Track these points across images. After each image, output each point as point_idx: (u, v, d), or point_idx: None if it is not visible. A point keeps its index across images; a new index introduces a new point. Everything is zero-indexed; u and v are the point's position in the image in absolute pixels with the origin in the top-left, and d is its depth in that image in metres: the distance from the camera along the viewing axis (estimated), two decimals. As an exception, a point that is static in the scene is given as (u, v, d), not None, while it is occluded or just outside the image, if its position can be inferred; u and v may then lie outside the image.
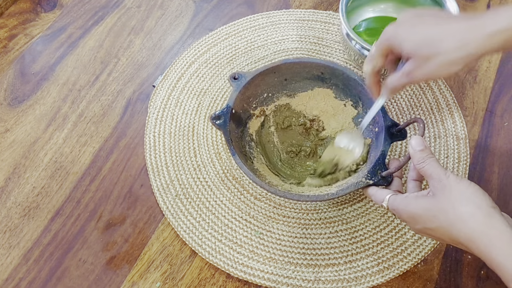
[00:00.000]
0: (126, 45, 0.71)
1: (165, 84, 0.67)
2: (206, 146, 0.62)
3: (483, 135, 0.64)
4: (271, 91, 0.60)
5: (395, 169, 0.46)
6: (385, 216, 0.57)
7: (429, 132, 0.63)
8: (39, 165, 0.61)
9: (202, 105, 0.65)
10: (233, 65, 0.68)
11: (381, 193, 0.44)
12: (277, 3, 0.76)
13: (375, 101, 0.48)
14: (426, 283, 0.53)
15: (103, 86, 0.67)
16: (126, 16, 0.75)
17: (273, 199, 0.58)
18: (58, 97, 0.66)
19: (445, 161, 0.61)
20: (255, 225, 0.56)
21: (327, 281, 0.53)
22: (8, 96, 0.66)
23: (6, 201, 0.58)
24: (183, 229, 0.56)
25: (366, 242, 0.55)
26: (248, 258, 0.54)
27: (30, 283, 0.53)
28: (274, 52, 0.70)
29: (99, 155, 0.62)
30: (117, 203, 0.58)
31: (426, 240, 0.55)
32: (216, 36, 0.71)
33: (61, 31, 0.73)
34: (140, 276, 0.53)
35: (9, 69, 0.69)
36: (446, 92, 0.66)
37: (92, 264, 0.54)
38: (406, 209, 0.39)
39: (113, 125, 0.64)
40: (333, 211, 0.57)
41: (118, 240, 0.56)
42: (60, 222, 0.57)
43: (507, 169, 0.61)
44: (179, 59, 0.69)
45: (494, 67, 0.70)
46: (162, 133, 0.63)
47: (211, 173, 0.60)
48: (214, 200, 0.58)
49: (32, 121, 0.64)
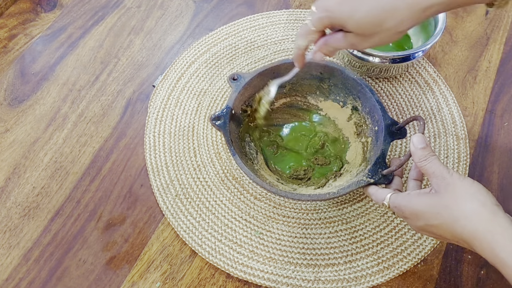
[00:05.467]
0: (126, 45, 0.71)
1: (165, 84, 0.67)
2: (206, 146, 0.62)
3: (483, 135, 0.64)
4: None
5: (396, 167, 0.46)
6: (385, 216, 0.57)
7: (429, 132, 0.63)
8: (39, 165, 0.61)
9: (202, 105, 0.65)
10: (233, 65, 0.68)
11: (382, 192, 0.44)
12: (277, 3, 0.76)
13: (293, 69, 0.50)
14: (426, 283, 0.53)
15: (103, 86, 0.67)
16: (126, 16, 0.75)
17: (273, 199, 0.58)
18: (58, 97, 0.66)
19: (445, 161, 0.61)
20: (255, 225, 0.56)
21: (327, 281, 0.53)
22: (8, 96, 0.66)
23: (6, 201, 0.58)
24: (183, 229, 0.56)
25: (366, 242, 0.55)
26: (248, 258, 0.54)
27: (30, 283, 0.53)
28: (274, 52, 0.70)
29: (99, 155, 0.62)
30: (117, 203, 0.58)
31: (426, 240, 0.55)
32: (216, 36, 0.71)
33: (61, 31, 0.73)
34: (140, 276, 0.53)
35: (9, 69, 0.69)
36: (446, 92, 0.66)
37: (92, 264, 0.54)
38: (408, 206, 0.39)
39: (113, 125, 0.64)
40: (333, 211, 0.57)
41: (118, 240, 0.56)
42: (60, 222, 0.57)
43: (507, 169, 0.61)
44: (179, 59, 0.69)
45: (494, 67, 0.70)
46: (162, 133, 0.63)
47: (211, 173, 0.60)
48: (214, 200, 0.58)
49: (32, 121, 0.64)
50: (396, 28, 0.39)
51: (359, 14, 0.39)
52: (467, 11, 0.75)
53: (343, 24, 0.40)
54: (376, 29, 0.39)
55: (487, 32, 0.73)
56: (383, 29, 0.39)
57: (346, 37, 0.42)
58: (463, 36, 0.73)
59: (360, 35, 0.41)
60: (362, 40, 0.41)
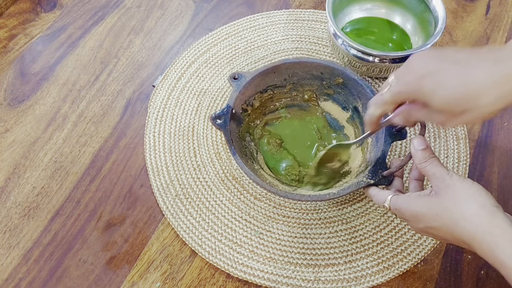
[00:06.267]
0: (126, 45, 0.71)
1: (165, 84, 0.67)
2: (206, 146, 0.62)
3: (483, 135, 0.64)
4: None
5: (396, 169, 0.46)
6: (385, 216, 0.57)
7: (429, 132, 0.63)
8: (39, 165, 0.61)
9: (202, 105, 0.65)
10: (233, 65, 0.68)
11: (383, 194, 0.44)
12: (277, 3, 0.76)
13: (366, 132, 0.47)
14: (426, 283, 0.53)
15: (103, 86, 0.67)
16: (126, 16, 0.75)
17: (273, 199, 0.58)
18: (58, 97, 0.66)
19: (445, 161, 0.61)
20: (255, 225, 0.56)
21: (327, 281, 0.53)
22: (8, 96, 0.66)
23: (6, 201, 0.58)
24: (183, 229, 0.56)
25: (366, 242, 0.55)
26: (248, 258, 0.54)
27: (30, 283, 0.53)
28: (274, 52, 0.70)
29: (99, 155, 0.62)
30: (117, 203, 0.58)
31: (426, 240, 0.55)
32: (216, 36, 0.71)
33: (61, 31, 0.73)
34: (140, 276, 0.53)
35: (9, 69, 0.69)
36: (446, 92, 0.66)
37: (92, 264, 0.54)
38: (408, 208, 0.39)
39: (113, 125, 0.64)
40: (333, 211, 0.57)
41: (118, 240, 0.56)
42: (60, 222, 0.57)
43: (507, 169, 0.61)
44: (179, 59, 0.69)
45: (494, 67, 0.70)
46: (162, 133, 0.63)
47: (211, 173, 0.60)
48: (214, 200, 0.58)
49: (32, 121, 0.64)
50: (495, 104, 0.33)
51: (444, 91, 0.34)
52: (467, 11, 0.75)
53: (427, 100, 0.35)
54: (468, 106, 0.33)
55: (487, 32, 0.73)
56: (477, 105, 0.33)
57: (432, 114, 0.37)
58: (463, 36, 0.73)
59: (449, 113, 0.35)
60: (450, 119, 0.36)
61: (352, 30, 0.70)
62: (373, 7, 0.70)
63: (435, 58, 0.35)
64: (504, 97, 0.32)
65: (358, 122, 0.58)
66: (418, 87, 0.36)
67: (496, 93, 0.32)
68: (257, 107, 0.60)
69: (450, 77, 0.34)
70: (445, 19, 0.60)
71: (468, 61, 0.34)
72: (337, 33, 0.60)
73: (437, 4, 0.61)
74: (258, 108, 0.60)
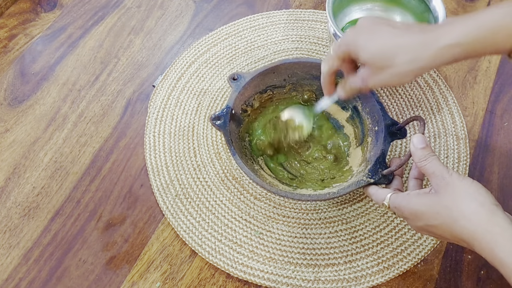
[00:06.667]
0: (126, 45, 0.71)
1: (165, 84, 0.67)
2: (206, 146, 0.62)
3: (483, 135, 0.64)
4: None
5: (396, 167, 0.46)
6: (385, 216, 0.57)
7: (429, 132, 0.63)
8: (39, 165, 0.61)
9: (202, 105, 0.65)
10: (233, 65, 0.69)
11: (382, 192, 0.44)
12: (277, 3, 0.76)
13: (325, 98, 0.50)
14: (426, 283, 0.53)
15: (103, 86, 0.67)
16: (126, 16, 0.75)
17: (273, 199, 0.58)
18: (58, 97, 0.66)
19: (445, 161, 0.61)
20: (255, 225, 0.56)
21: (327, 281, 0.53)
22: (8, 96, 0.66)
23: (6, 201, 0.58)
24: (183, 229, 0.56)
25: (366, 242, 0.55)
26: (248, 258, 0.54)
27: (30, 283, 0.53)
28: (274, 52, 0.70)
29: (99, 155, 0.62)
30: (117, 203, 0.58)
31: (426, 240, 0.55)
32: (216, 36, 0.71)
33: (61, 31, 0.73)
34: (140, 276, 0.53)
35: (9, 69, 0.69)
36: (446, 92, 0.66)
37: (92, 264, 0.54)
38: (408, 206, 0.39)
39: (113, 125, 0.64)
40: (333, 211, 0.57)
41: (118, 240, 0.56)
42: (60, 222, 0.57)
43: (507, 169, 0.61)
44: (179, 59, 0.69)
45: (494, 67, 0.70)
46: (162, 133, 0.63)
47: (211, 173, 0.60)
48: (214, 200, 0.58)
49: (32, 121, 0.64)
50: (408, 65, 0.38)
51: (372, 45, 0.40)
52: (467, 11, 0.75)
53: (357, 53, 0.41)
54: (387, 63, 0.39)
55: (487, 32, 0.73)
56: (394, 63, 0.39)
57: (358, 71, 0.43)
58: (463, 36, 0.73)
59: (371, 67, 0.41)
60: (372, 74, 0.41)
61: None
62: (373, 7, 0.70)
63: (377, 22, 0.41)
64: (417, 60, 0.37)
65: (357, 121, 0.58)
66: (354, 40, 0.41)
67: (410, 56, 0.38)
68: (256, 107, 0.60)
69: (380, 36, 0.39)
70: (445, 19, 0.60)
71: (401, 29, 0.39)
72: (337, 33, 0.60)
73: (437, 4, 0.61)
74: (257, 109, 0.60)
